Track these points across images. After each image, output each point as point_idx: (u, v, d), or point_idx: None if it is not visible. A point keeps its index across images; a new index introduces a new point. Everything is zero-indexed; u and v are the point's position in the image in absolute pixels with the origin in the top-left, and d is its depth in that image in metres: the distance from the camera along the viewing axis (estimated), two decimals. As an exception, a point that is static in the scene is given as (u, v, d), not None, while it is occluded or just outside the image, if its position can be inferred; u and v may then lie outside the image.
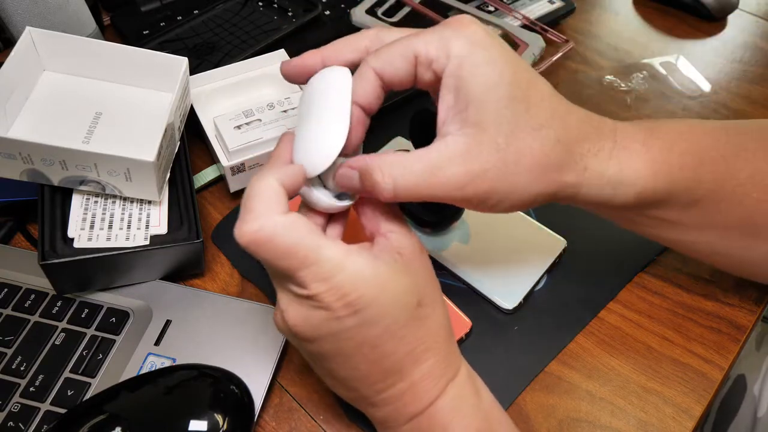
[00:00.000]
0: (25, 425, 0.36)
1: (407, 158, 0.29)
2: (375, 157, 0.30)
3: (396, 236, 0.31)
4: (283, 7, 0.60)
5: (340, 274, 0.27)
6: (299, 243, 0.27)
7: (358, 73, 0.31)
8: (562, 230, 0.45)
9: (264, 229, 0.27)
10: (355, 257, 0.28)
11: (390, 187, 0.29)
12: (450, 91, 0.29)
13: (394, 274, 0.29)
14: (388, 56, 0.30)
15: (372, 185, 0.29)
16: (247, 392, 0.35)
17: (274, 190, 0.28)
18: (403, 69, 0.30)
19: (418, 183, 0.29)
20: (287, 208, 0.28)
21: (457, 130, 0.29)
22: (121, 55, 0.43)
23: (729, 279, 0.44)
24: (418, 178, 0.29)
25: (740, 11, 0.68)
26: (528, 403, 0.38)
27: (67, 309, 0.40)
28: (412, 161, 0.29)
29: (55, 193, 0.40)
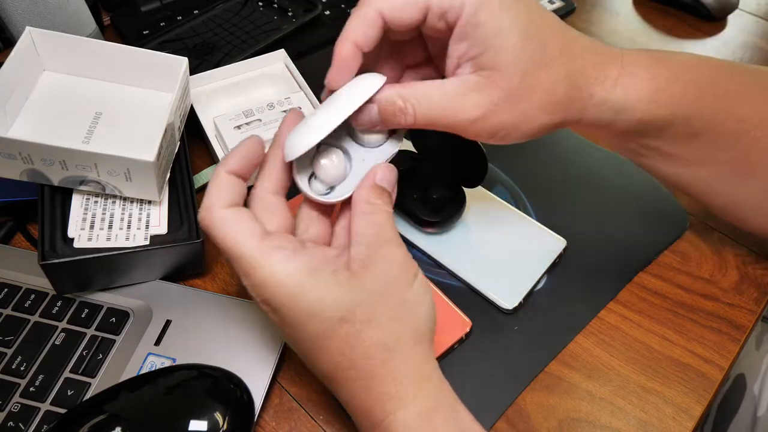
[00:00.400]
0: (25, 425, 0.36)
1: (425, 87, 0.31)
2: (394, 86, 0.31)
3: (359, 249, 0.30)
4: (283, 7, 0.60)
5: (256, 271, 0.29)
6: (226, 237, 0.30)
7: (361, 13, 0.31)
8: (562, 230, 0.45)
9: (205, 220, 0.31)
10: (274, 258, 0.29)
11: (411, 113, 0.31)
12: (463, 39, 0.30)
13: (320, 284, 0.29)
14: (398, 1, 0.30)
15: (394, 113, 0.31)
16: (247, 392, 0.35)
17: (224, 181, 0.31)
18: (411, 17, 0.30)
19: (436, 112, 0.31)
20: (236, 199, 0.31)
21: (471, 72, 0.30)
22: (121, 55, 0.43)
23: (729, 279, 0.44)
24: (436, 107, 0.31)
25: (740, 11, 0.68)
26: (528, 403, 0.38)
27: (67, 309, 0.40)
28: (430, 91, 0.31)
29: (55, 193, 0.40)
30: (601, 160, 0.51)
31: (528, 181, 0.49)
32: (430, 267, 0.44)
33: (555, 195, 0.49)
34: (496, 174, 0.50)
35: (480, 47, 0.30)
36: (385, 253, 0.30)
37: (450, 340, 0.39)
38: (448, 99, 0.30)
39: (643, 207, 0.48)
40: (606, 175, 0.50)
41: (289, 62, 0.52)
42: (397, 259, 0.30)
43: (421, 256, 0.44)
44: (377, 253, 0.30)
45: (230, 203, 0.31)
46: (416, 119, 0.31)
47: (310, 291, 0.29)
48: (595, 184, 0.50)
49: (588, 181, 0.50)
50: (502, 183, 0.49)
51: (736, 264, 0.45)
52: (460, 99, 0.30)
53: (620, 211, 0.48)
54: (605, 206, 0.48)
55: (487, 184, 0.48)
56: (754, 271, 0.45)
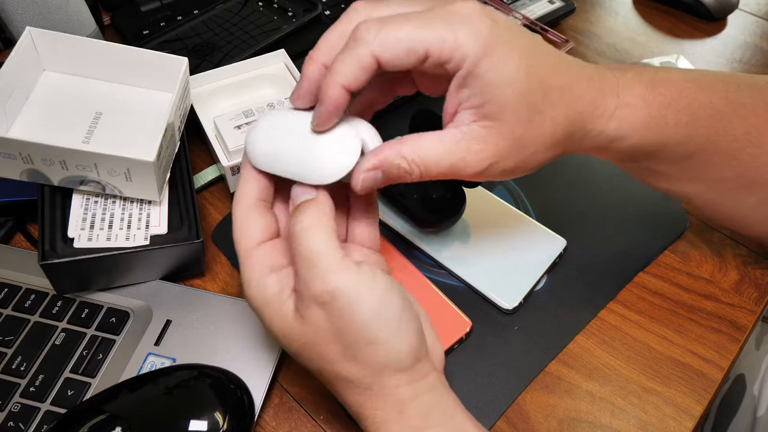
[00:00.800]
0: (25, 425, 0.36)
1: (428, 144, 0.30)
2: (389, 146, 0.30)
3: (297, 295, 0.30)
4: (283, 7, 0.60)
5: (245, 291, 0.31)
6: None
7: (353, 53, 0.28)
8: (562, 230, 0.45)
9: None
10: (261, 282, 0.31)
11: (417, 172, 0.30)
12: (463, 87, 0.29)
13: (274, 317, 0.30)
14: (394, 46, 0.28)
15: (399, 175, 0.30)
16: (247, 392, 0.35)
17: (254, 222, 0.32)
18: (407, 62, 0.29)
19: (441, 168, 0.30)
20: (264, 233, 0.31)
21: (473, 122, 0.30)
22: (121, 55, 0.43)
23: (729, 279, 0.44)
24: (442, 164, 0.30)
25: (740, 11, 0.68)
26: (528, 403, 0.38)
27: (67, 309, 0.40)
28: (433, 148, 0.30)
29: (55, 193, 0.40)
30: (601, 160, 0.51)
31: (528, 181, 0.49)
32: (431, 267, 0.44)
33: (555, 195, 0.49)
34: (496, 174, 0.50)
35: (481, 98, 0.29)
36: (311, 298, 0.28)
37: (450, 340, 0.39)
38: (452, 155, 0.30)
39: (643, 207, 0.48)
40: (606, 175, 0.50)
41: (289, 62, 0.52)
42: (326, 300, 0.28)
43: (421, 256, 0.44)
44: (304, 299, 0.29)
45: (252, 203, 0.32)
46: (421, 177, 0.31)
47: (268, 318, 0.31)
48: (595, 184, 0.50)
49: (588, 181, 0.50)
50: (502, 183, 0.49)
51: (736, 264, 0.45)
52: (464, 153, 0.30)
53: (620, 211, 0.48)
54: (605, 206, 0.48)
55: (487, 184, 0.48)
56: (754, 271, 0.45)
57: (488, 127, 0.30)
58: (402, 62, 0.29)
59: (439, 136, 0.30)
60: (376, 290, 0.28)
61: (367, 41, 0.28)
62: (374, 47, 0.28)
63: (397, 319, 0.29)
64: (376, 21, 0.29)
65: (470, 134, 0.30)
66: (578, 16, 0.67)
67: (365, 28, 0.28)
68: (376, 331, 0.28)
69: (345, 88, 0.29)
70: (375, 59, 0.28)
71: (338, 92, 0.29)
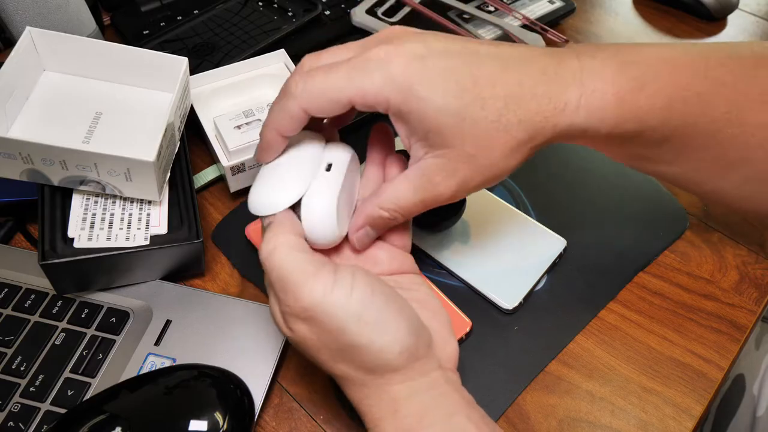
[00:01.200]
0: (25, 425, 0.36)
1: (397, 189, 0.32)
2: (369, 206, 0.33)
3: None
4: (283, 7, 0.60)
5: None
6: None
7: (283, 105, 0.31)
8: (562, 230, 0.45)
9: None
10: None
11: (399, 215, 0.32)
12: (402, 124, 0.31)
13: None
14: (318, 99, 0.30)
15: (386, 224, 0.33)
16: (247, 392, 0.35)
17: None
18: (334, 111, 0.31)
19: (417, 205, 0.32)
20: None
21: (426, 154, 0.31)
22: (121, 55, 0.43)
23: (729, 279, 0.44)
24: (415, 202, 0.32)
25: (740, 11, 0.68)
26: (528, 403, 0.38)
27: (67, 309, 0.40)
28: (403, 191, 0.32)
29: (55, 193, 0.40)
30: (601, 160, 0.51)
31: (528, 181, 0.49)
32: (430, 267, 0.44)
33: (555, 195, 0.49)
34: (496, 174, 0.50)
35: (421, 130, 0.30)
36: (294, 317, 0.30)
37: (450, 340, 0.39)
38: (421, 193, 0.31)
39: (643, 207, 0.48)
40: (606, 175, 0.50)
41: (289, 62, 0.52)
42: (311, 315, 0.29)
43: (422, 256, 0.44)
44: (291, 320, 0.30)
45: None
46: (405, 217, 0.33)
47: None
48: (595, 184, 0.50)
49: (588, 181, 0.50)
50: (502, 183, 0.49)
51: (736, 264, 0.45)
52: (430, 187, 0.31)
53: (620, 211, 0.48)
54: (605, 206, 0.48)
55: (487, 184, 0.48)
56: (754, 271, 0.45)
57: (440, 155, 0.30)
58: (328, 112, 0.31)
59: (406, 178, 0.32)
60: (354, 296, 0.29)
61: (294, 95, 0.30)
62: (301, 101, 0.30)
63: (381, 321, 0.29)
64: (303, 75, 0.30)
65: (427, 168, 0.31)
66: (578, 16, 0.67)
67: (293, 82, 0.31)
68: (357, 336, 0.28)
69: (279, 133, 0.32)
70: (303, 110, 0.30)
71: (272, 136, 0.32)
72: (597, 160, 0.51)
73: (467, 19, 0.61)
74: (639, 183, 0.50)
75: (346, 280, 0.29)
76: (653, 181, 0.50)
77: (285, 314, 0.30)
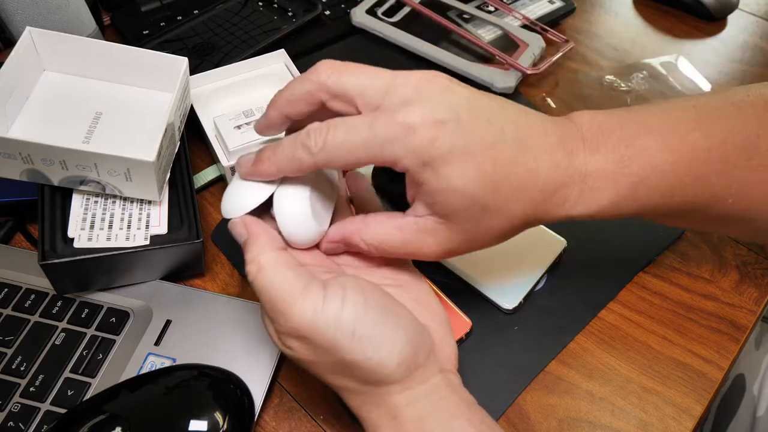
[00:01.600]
0: (25, 425, 0.36)
1: (384, 229, 0.32)
2: (353, 228, 0.32)
3: None
4: (283, 7, 0.60)
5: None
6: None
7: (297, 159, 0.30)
8: (562, 230, 0.45)
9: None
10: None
11: (374, 254, 0.32)
12: (414, 186, 0.30)
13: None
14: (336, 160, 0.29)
15: (358, 250, 0.33)
16: (247, 392, 0.35)
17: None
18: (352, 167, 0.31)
19: (394, 252, 0.32)
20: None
21: (428, 215, 0.31)
22: (121, 55, 0.43)
23: (729, 279, 0.44)
24: (397, 250, 0.32)
25: (740, 11, 0.68)
26: (528, 403, 0.38)
27: (67, 309, 0.40)
28: (389, 233, 0.32)
29: (55, 193, 0.40)
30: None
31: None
32: (431, 267, 0.44)
33: (555, 195, 0.49)
34: (496, 174, 0.50)
35: (431, 199, 0.30)
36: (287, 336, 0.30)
37: (450, 340, 0.39)
38: (408, 245, 0.31)
39: (643, 207, 0.48)
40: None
41: (289, 62, 0.52)
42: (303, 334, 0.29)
43: (421, 256, 0.44)
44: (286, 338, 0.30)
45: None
46: (379, 255, 0.33)
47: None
48: (595, 184, 0.50)
49: (588, 181, 0.50)
50: (502, 183, 0.49)
51: (736, 264, 0.45)
52: (419, 244, 0.31)
53: (620, 211, 0.48)
54: (605, 206, 0.48)
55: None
56: (754, 271, 0.45)
57: (440, 223, 0.30)
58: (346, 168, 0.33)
59: (398, 225, 0.31)
60: (346, 312, 0.28)
61: (312, 152, 0.29)
62: (318, 159, 0.29)
63: (377, 335, 0.29)
64: (323, 128, 0.29)
65: (424, 227, 0.31)
66: (578, 16, 0.67)
67: (314, 134, 0.29)
68: (352, 353, 0.28)
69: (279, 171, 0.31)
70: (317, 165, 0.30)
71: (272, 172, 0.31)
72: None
73: (467, 19, 0.61)
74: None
75: (337, 295, 0.29)
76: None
77: (278, 333, 0.30)
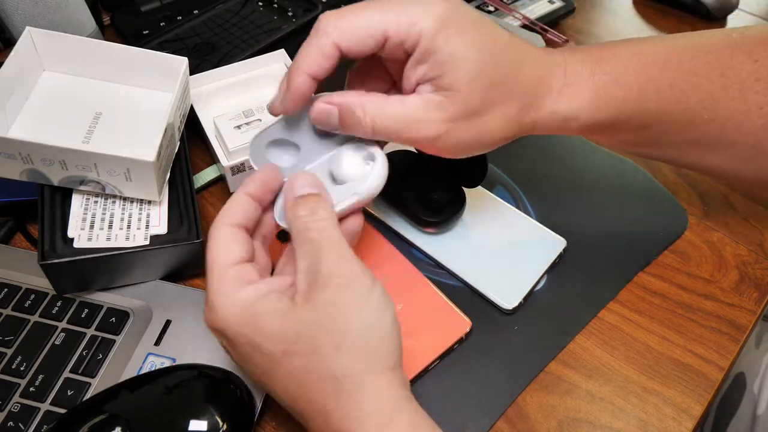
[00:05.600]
0: (25, 425, 0.36)
1: (388, 102, 0.32)
2: (355, 94, 0.32)
3: (300, 278, 0.30)
4: (283, 7, 0.60)
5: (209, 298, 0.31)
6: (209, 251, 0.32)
7: (315, 43, 0.31)
8: (562, 230, 0.45)
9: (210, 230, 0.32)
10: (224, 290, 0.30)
11: (369, 126, 0.32)
12: (421, 63, 0.31)
13: (260, 317, 0.29)
14: (353, 33, 0.30)
15: (352, 122, 0.32)
16: (247, 392, 0.35)
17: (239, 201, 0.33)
18: (368, 47, 0.31)
19: (396, 128, 0.32)
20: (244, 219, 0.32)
21: (432, 91, 0.31)
22: (121, 55, 0.43)
23: (729, 279, 0.44)
24: (396, 124, 0.32)
25: (740, 11, 0.68)
26: (528, 403, 0.38)
27: (67, 309, 0.40)
28: (392, 106, 0.32)
29: (55, 193, 0.40)
30: (601, 160, 0.51)
31: (528, 181, 0.49)
32: (430, 267, 0.44)
33: (555, 195, 0.49)
34: (496, 174, 0.50)
35: (438, 70, 0.31)
36: (324, 279, 0.28)
37: (450, 340, 0.39)
38: (409, 116, 0.32)
39: (643, 207, 0.48)
40: (606, 175, 0.50)
41: (289, 62, 0.52)
42: (340, 282, 0.28)
43: (421, 256, 0.44)
44: (316, 281, 0.29)
45: (236, 223, 0.32)
46: (374, 132, 0.32)
47: (255, 323, 0.29)
48: (595, 183, 0.50)
49: (588, 180, 0.50)
50: (502, 183, 0.49)
51: (736, 264, 0.45)
52: (420, 116, 0.31)
53: (620, 211, 0.48)
54: (605, 206, 0.48)
55: (487, 184, 0.48)
56: (754, 271, 0.45)
57: (446, 95, 0.31)
58: (362, 47, 0.31)
59: (400, 100, 0.32)
60: (377, 287, 0.29)
61: (327, 31, 0.31)
62: (334, 36, 0.30)
63: (392, 315, 0.29)
64: (335, 12, 0.31)
65: (429, 100, 0.31)
66: (578, 16, 0.67)
67: (325, 19, 0.31)
68: (375, 320, 0.28)
69: (310, 75, 0.31)
70: (336, 47, 0.31)
71: (303, 79, 0.31)
72: (598, 160, 0.51)
73: (467, 19, 0.61)
74: (639, 183, 0.50)
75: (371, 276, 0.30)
76: (653, 180, 0.50)
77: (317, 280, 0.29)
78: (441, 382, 0.39)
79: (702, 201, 0.49)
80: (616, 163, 0.51)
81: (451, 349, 0.40)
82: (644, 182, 0.50)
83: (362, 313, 0.28)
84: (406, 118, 0.31)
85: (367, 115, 0.32)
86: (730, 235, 0.47)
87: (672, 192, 0.49)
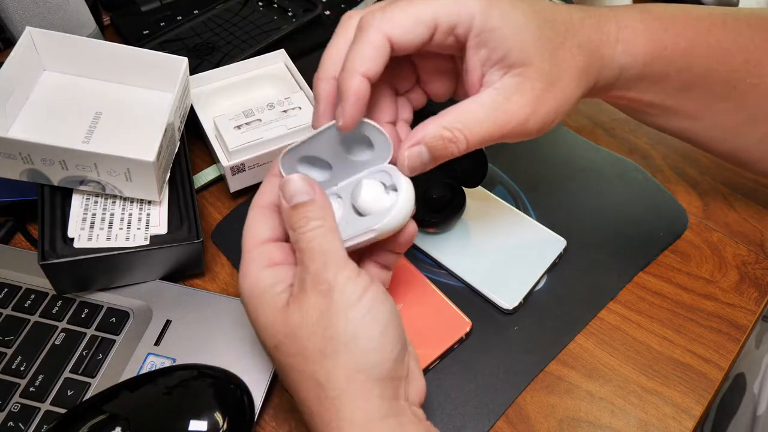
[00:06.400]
0: (25, 425, 0.36)
1: (466, 109, 0.30)
2: (433, 121, 0.30)
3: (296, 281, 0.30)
4: (283, 7, 0.60)
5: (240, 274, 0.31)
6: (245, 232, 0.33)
7: (367, 39, 0.28)
8: (562, 230, 0.45)
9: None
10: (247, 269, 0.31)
11: (462, 138, 0.29)
12: (481, 47, 0.30)
13: (262, 306, 0.30)
14: (403, 21, 0.29)
15: (444, 147, 0.29)
16: (247, 392, 0.35)
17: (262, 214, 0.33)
18: (420, 36, 0.29)
19: (487, 128, 0.30)
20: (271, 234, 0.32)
21: (504, 75, 0.30)
22: (121, 55, 0.43)
23: (729, 279, 0.44)
24: (486, 123, 0.29)
25: (740, 11, 0.68)
26: (528, 403, 0.38)
27: (67, 309, 0.40)
28: (473, 110, 0.30)
29: (55, 193, 0.40)
30: (602, 160, 0.51)
31: (528, 181, 0.49)
32: (430, 267, 0.44)
33: (555, 195, 0.49)
34: (496, 174, 0.50)
35: (503, 49, 0.29)
36: (309, 285, 0.28)
37: (450, 340, 0.39)
38: (494, 112, 0.29)
39: (643, 207, 0.48)
40: (606, 175, 0.50)
41: (289, 62, 0.52)
42: (323, 289, 0.28)
43: (421, 256, 0.44)
44: (303, 287, 0.29)
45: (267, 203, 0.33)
46: (468, 143, 0.30)
47: (255, 309, 0.30)
48: (595, 184, 0.50)
49: (588, 181, 0.50)
50: (502, 183, 0.49)
51: (736, 264, 0.45)
52: (505, 106, 0.30)
53: (620, 211, 0.48)
54: (605, 206, 0.48)
55: (487, 184, 0.48)
56: (754, 271, 0.45)
57: (519, 74, 0.30)
58: (414, 37, 0.29)
59: (475, 100, 0.30)
60: (368, 295, 0.29)
61: (374, 25, 0.28)
62: (384, 28, 0.28)
63: (383, 324, 0.28)
64: (376, 7, 0.29)
65: (505, 88, 0.30)
66: (578, 16, 0.67)
67: (370, 15, 0.29)
68: (361, 328, 0.28)
69: (364, 75, 0.28)
70: (387, 39, 0.29)
71: (359, 82, 0.28)
72: (598, 160, 0.51)
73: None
74: (639, 183, 0.50)
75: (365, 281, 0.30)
76: (653, 181, 0.50)
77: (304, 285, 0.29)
78: (441, 382, 0.39)
79: (702, 201, 0.49)
80: (616, 163, 0.51)
81: (451, 349, 0.40)
82: (644, 182, 0.50)
83: (348, 320, 0.28)
84: (492, 115, 0.29)
85: (455, 132, 0.29)
86: (730, 235, 0.47)
87: (672, 192, 0.49)
